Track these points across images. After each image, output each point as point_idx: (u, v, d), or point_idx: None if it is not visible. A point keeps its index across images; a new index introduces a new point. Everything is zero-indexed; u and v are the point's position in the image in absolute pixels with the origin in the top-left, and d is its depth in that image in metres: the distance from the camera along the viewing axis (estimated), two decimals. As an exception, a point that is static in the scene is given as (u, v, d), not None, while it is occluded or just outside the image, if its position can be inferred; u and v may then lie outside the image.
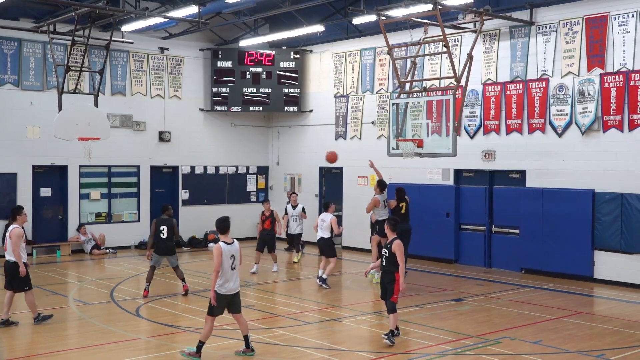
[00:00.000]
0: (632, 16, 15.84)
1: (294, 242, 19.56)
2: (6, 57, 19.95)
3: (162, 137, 22.80)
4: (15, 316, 12.42)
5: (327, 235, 15.91)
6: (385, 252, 10.95)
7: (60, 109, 17.95)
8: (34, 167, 20.53)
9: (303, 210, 19.27)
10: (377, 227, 15.67)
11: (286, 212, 19.35)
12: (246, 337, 10.02)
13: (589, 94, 16.53)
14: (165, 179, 23.25)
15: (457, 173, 19.36)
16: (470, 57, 15.42)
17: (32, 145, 20.29)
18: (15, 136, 20.02)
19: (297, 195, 20.05)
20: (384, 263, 11.03)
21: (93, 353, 10.21)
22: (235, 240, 10.01)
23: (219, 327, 10.90)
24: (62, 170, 21.13)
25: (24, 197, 20.23)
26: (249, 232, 23.55)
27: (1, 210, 19.82)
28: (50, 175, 21.02)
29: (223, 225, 9.96)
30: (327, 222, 15.90)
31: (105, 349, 10.44)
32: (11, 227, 12.25)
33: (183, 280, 14.66)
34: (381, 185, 15.65)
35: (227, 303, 9.89)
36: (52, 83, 20.28)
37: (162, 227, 14.27)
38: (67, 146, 19.51)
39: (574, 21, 16.84)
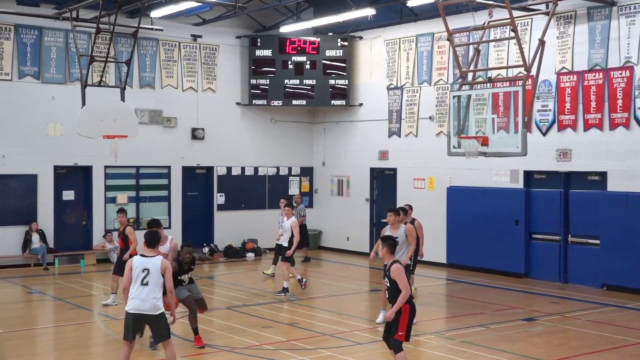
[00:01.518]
0: None
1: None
2: (26, 47, 20.35)
3: (195, 134, 22.99)
4: (39, 330, 12.63)
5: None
6: (386, 281, 9.87)
7: (84, 103, 18.13)
8: (55, 167, 20.88)
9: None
10: None
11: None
12: None
13: (680, 84, 16.16)
14: (198, 181, 23.44)
15: (528, 175, 19.09)
16: (542, 43, 15.18)
17: (53, 143, 20.64)
18: (35, 134, 20.38)
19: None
20: (387, 295, 9.99)
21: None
22: (159, 254, 9.73)
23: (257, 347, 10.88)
24: (86, 171, 21.45)
25: (45, 200, 20.61)
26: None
27: (21, 215, 20.25)
28: (73, 177, 21.36)
29: (150, 237, 9.70)
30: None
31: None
32: None
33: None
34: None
35: (139, 325, 9.62)
36: (75, 75, 20.61)
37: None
38: (91, 145, 19.71)
39: (663, 1, 16.49)
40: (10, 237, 20.08)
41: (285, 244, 16.66)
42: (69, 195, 21.24)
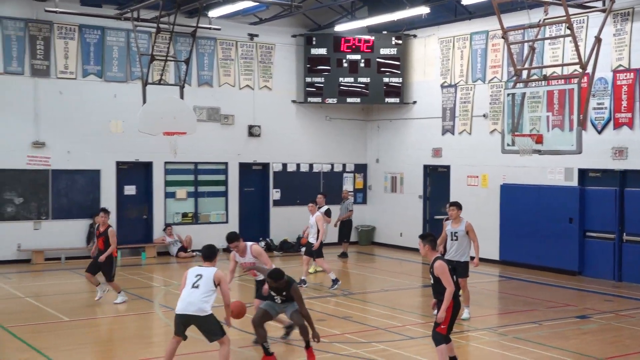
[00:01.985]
0: None
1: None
2: (89, 47, 20.76)
3: (252, 131, 23.19)
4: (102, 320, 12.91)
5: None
6: (431, 279, 9.78)
7: (144, 101, 18.41)
8: (117, 163, 21.25)
9: (326, 213, 19.79)
10: None
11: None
12: None
13: None
14: (254, 177, 23.64)
15: (582, 173, 18.85)
16: (598, 41, 14.98)
17: (115, 140, 21.01)
18: (98, 130, 20.76)
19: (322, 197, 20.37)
20: (432, 292, 9.85)
21: (180, 363, 10.51)
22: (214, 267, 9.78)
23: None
24: (147, 167, 21.80)
25: (107, 195, 20.97)
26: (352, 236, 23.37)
27: (85, 208, 20.69)
28: (135, 173, 21.73)
29: (208, 252, 9.88)
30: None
31: (191, 358, 10.73)
32: None
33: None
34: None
35: (184, 325, 9.64)
36: (136, 74, 20.97)
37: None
38: (151, 141, 19.97)
39: None
40: (75, 229, 20.55)
41: (313, 241, 16.99)
42: (130, 190, 21.61)
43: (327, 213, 20.08)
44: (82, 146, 20.61)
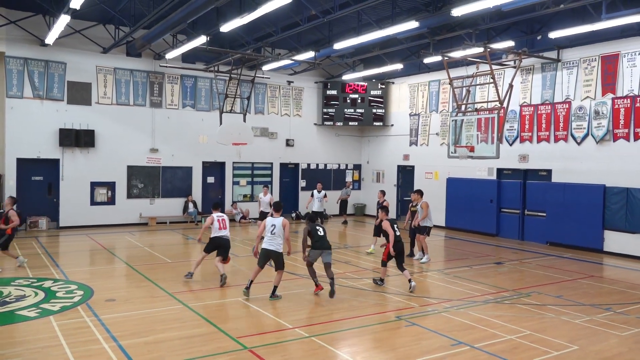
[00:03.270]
0: (639, 54, 14.69)
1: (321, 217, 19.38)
2: (187, 89, 20.75)
3: (288, 143, 23.12)
4: (205, 261, 12.94)
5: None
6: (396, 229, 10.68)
7: (220, 123, 18.45)
8: (203, 162, 21.23)
9: (325, 195, 19.61)
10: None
11: (312, 195, 19.61)
12: (274, 287, 9.81)
13: (602, 113, 15.49)
14: (289, 172, 23.57)
15: (499, 171, 18.65)
16: (511, 86, 14.77)
17: (202, 148, 21.00)
18: (191, 142, 20.78)
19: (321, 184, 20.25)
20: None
21: (240, 290, 10.40)
22: (282, 217, 9.82)
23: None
24: (221, 165, 21.75)
25: (196, 182, 21.01)
26: (349, 209, 23.31)
27: (182, 190, 20.71)
28: (214, 168, 21.68)
29: (277, 205, 9.86)
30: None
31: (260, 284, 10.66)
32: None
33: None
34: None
35: (267, 257, 9.64)
36: (216, 106, 20.95)
37: (317, 228, 10.19)
38: (224, 149, 20.10)
39: (592, 58, 15.79)
40: (175, 204, 20.58)
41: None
42: (211, 179, 21.58)
43: (325, 195, 19.83)
44: (181, 151, 20.62)
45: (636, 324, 8.70)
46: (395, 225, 10.67)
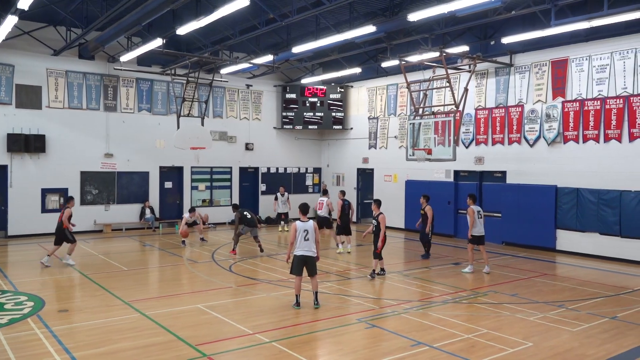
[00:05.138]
0: (586, 59, 15.30)
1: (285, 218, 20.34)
2: (142, 92, 20.37)
3: (248, 146, 22.96)
4: (149, 269, 12.65)
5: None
6: (373, 223, 11.95)
7: (178, 127, 18.22)
8: (160, 167, 20.88)
9: (288, 198, 20.23)
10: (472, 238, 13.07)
11: (276, 198, 20.20)
12: (315, 293, 9.63)
13: (553, 116, 16.03)
14: (249, 176, 23.41)
15: (456, 173, 19.03)
16: (466, 90, 15.11)
17: (159, 152, 20.64)
18: (148, 146, 20.40)
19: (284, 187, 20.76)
20: (374, 232, 12.05)
21: (199, 296, 10.34)
22: (310, 219, 9.63)
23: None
24: (179, 170, 21.45)
25: (153, 187, 20.61)
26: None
27: (138, 196, 20.27)
28: (171, 173, 21.36)
29: (304, 208, 9.65)
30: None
31: (208, 294, 10.56)
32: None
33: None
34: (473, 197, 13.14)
35: (303, 264, 9.40)
36: (173, 110, 20.64)
37: (245, 212, 14.95)
38: (182, 153, 19.79)
39: (543, 63, 16.34)
40: (132, 210, 20.13)
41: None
42: (168, 184, 21.24)
43: (288, 198, 20.39)
44: (138, 156, 20.21)
45: (587, 320, 9.02)
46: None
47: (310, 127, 23.77)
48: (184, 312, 9.31)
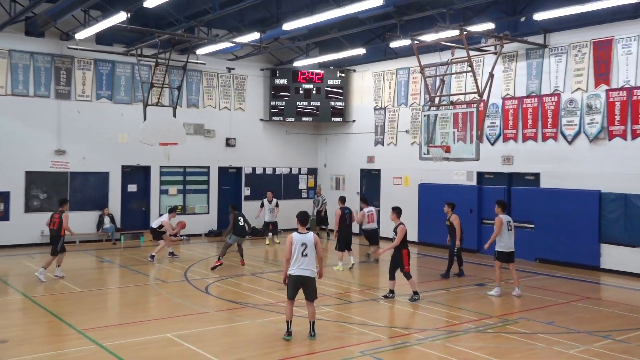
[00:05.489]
0: (635, 40, 15.30)
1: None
2: (102, 76, 20.31)
3: (229, 142, 22.92)
4: (108, 290, 12.56)
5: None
6: (394, 235, 12.13)
7: (145, 118, 18.12)
8: (123, 167, 20.82)
9: (277, 205, 20.52)
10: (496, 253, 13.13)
11: (262, 205, 20.52)
12: (312, 323, 9.47)
13: (595, 107, 16.03)
14: (230, 178, 23.36)
15: (480, 175, 19.02)
16: (491, 75, 15.08)
17: (121, 149, 20.58)
18: (108, 141, 20.33)
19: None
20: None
21: (169, 323, 10.26)
22: (310, 231, 9.49)
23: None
24: (146, 170, 21.38)
25: (114, 191, 20.55)
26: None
27: (96, 202, 20.18)
28: (136, 174, 21.29)
29: (303, 217, 9.53)
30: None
31: (179, 320, 10.48)
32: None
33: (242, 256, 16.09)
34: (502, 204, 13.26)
35: (300, 285, 9.25)
36: (139, 97, 20.56)
37: (239, 217, 15.83)
38: (150, 150, 19.66)
39: (583, 44, 16.35)
40: (87, 219, 20.03)
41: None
42: (132, 188, 21.19)
43: (277, 205, 20.61)
44: (95, 154, 20.14)
45: (638, 353, 8.97)
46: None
47: (304, 119, 23.72)
48: (150, 342, 9.21)
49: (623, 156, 15.55)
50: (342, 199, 16.57)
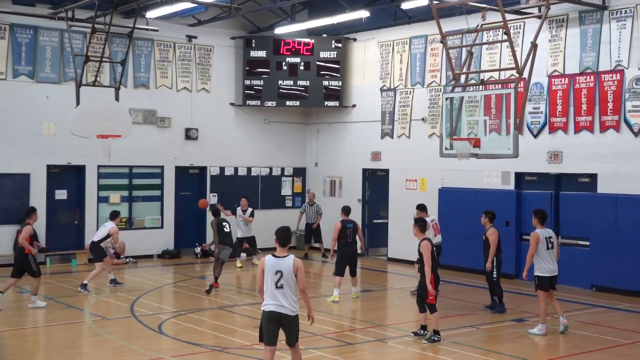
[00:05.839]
0: None
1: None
2: (21, 47, 20.24)
3: (189, 134, 22.93)
4: (29, 330, 12.55)
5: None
6: (417, 254, 12.54)
7: (78, 103, 18.06)
8: (48, 167, 20.76)
9: (252, 214, 20.64)
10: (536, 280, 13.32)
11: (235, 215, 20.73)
12: None
13: (670, 88, 16.20)
14: (191, 181, 23.37)
15: (519, 176, 19.10)
16: (534, 46, 15.17)
17: (47, 143, 20.52)
18: (29, 133, 20.25)
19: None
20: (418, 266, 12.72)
21: (111, 373, 10.28)
22: (291, 255, 9.22)
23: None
24: (79, 170, 21.34)
25: (37, 199, 20.39)
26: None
27: (13, 214, 20.08)
28: (66, 176, 21.25)
29: (283, 235, 9.26)
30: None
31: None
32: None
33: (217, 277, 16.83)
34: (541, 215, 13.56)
35: (277, 324, 9.13)
36: (70, 75, 20.52)
37: (224, 223, 17.04)
38: (85, 144, 19.58)
39: (654, 5, 16.51)
40: (1, 235, 19.92)
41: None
42: (61, 194, 21.12)
43: (252, 214, 20.69)
44: (11, 149, 20.06)
45: None
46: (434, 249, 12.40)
47: (288, 103, 23.77)
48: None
49: None
50: (346, 210, 16.61)
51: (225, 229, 16.87)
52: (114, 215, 17.55)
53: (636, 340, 12.61)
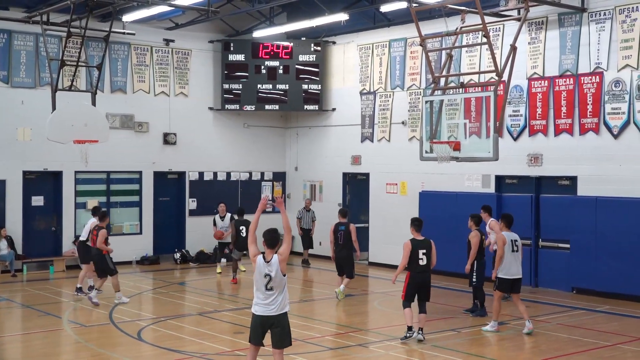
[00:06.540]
0: (699, 1, 15.67)
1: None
2: (-6, 51, 20.17)
3: (167, 139, 22.89)
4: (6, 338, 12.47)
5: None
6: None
7: (54, 108, 18.02)
8: (24, 173, 20.64)
9: (231, 219, 20.26)
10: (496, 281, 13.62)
11: (215, 223, 20.59)
12: None
13: (649, 90, 16.38)
14: (170, 187, 23.32)
15: (499, 179, 19.21)
16: (513, 49, 15.32)
17: (22, 148, 20.41)
18: (4, 139, 20.13)
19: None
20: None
21: (90, 381, 10.26)
22: (275, 255, 9.24)
23: None
24: (56, 176, 21.25)
25: (13, 206, 20.35)
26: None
27: (-12, 221, 20.02)
28: (43, 182, 21.15)
29: (271, 237, 9.33)
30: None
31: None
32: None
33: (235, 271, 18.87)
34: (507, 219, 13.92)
35: (265, 328, 9.22)
36: (46, 79, 20.42)
37: (241, 227, 18.80)
38: (61, 150, 19.57)
39: (632, 7, 16.67)
40: (-22, 243, 19.82)
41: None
42: (38, 200, 21.01)
43: (231, 219, 20.32)
44: (-13, 155, 19.96)
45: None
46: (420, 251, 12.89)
47: (268, 107, 23.79)
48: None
49: (684, 153, 15.87)
50: (341, 212, 16.72)
51: (242, 234, 18.68)
52: (97, 211, 17.38)
53: (617, 342, 12.73)
